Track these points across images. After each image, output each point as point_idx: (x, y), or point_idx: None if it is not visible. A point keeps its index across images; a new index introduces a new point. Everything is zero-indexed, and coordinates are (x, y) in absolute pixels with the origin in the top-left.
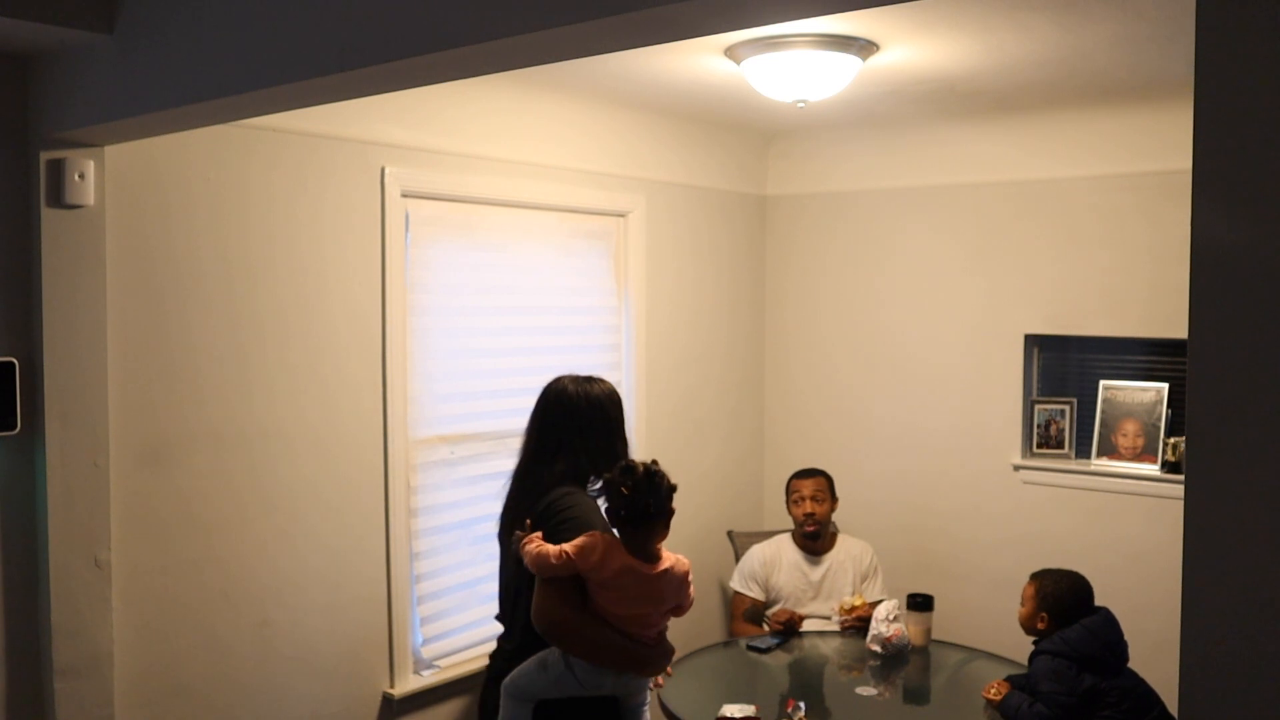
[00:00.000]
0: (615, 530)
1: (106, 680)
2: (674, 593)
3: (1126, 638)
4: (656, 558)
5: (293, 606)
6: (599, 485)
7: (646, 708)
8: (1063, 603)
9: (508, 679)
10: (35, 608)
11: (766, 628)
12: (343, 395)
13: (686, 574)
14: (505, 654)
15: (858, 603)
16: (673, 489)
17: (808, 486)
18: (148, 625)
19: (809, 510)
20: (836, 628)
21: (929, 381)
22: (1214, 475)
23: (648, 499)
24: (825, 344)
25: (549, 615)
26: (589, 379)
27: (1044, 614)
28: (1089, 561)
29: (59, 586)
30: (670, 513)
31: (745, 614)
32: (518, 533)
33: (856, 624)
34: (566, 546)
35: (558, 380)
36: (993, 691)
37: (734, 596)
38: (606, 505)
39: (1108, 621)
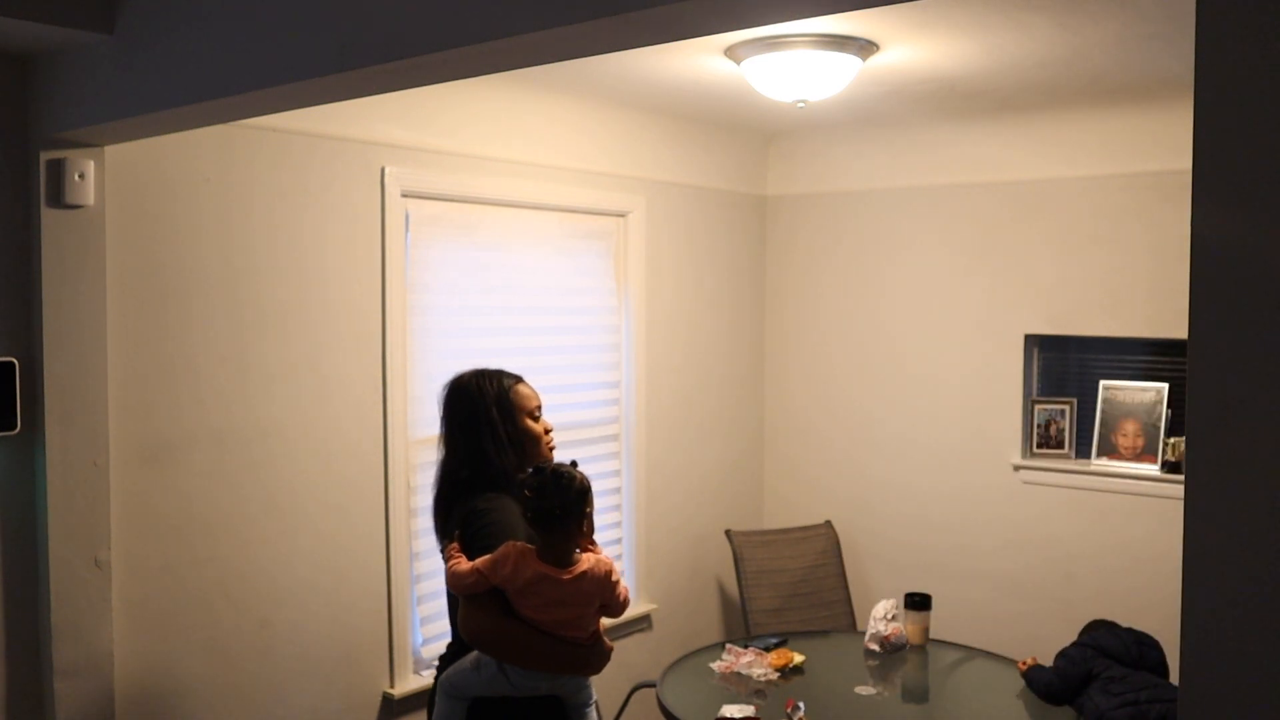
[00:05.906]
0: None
1: (106, 680)
2: (598, 593)
3: None
4: (572, 562)
5: (293, 606)
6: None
7: (591, 707)
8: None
9: (443, 676)
10: (35, 608)
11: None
12: (343, 395)
13: (608, 574)
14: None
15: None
16: (584, 490)
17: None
18: (148, 625)
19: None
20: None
21: (929, 381)
22: (1214, 475)
23: (554, 501)
24: (825, 344)
25: (475, 627)
26: (481, 373)
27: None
28: (1088, 562)
29: (59, 586)
30: (583, 514)
31: None
32: (443, 542)
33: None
34: (479, 562)
35: (459, 374)
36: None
37: None
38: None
39: (1136, 632)
